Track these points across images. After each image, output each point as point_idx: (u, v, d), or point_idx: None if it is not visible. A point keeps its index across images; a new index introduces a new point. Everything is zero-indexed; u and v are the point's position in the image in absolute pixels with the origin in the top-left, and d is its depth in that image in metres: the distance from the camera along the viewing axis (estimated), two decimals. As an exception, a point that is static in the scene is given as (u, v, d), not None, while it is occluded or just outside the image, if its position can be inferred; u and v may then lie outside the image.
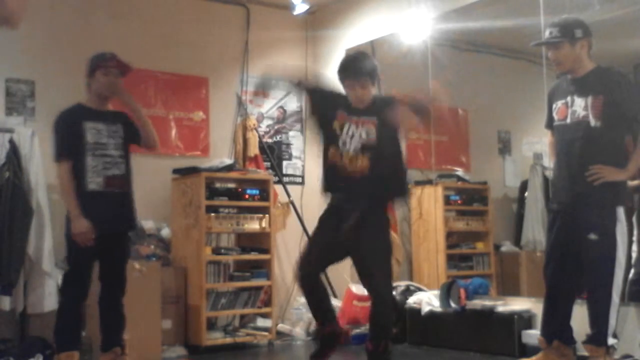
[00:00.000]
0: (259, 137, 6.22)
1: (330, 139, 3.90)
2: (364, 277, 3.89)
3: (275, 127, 6.53)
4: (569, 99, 3.88)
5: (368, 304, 4.09)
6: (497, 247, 6.27)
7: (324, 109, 3.99)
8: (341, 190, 3.89)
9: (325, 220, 3.94)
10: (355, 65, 3.98)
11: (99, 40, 5.36)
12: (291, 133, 6.60)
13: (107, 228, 4.03)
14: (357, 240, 3.77)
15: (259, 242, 5.67)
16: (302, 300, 5.95)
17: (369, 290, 3.90)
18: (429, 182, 6.19)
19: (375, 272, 3.79)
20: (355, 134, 3.82)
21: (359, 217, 3.74)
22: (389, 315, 3.95)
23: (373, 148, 3.79)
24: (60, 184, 4.05)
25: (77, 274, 4.03)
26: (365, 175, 3.77)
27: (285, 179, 6.39)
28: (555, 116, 3.96)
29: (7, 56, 5.25)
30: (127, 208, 4.19)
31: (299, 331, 5.77)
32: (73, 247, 3.99)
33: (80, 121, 4.06)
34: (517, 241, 6.24)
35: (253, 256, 5.64)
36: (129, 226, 4.26)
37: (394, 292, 5.48)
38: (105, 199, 4.05)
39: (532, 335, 4.47)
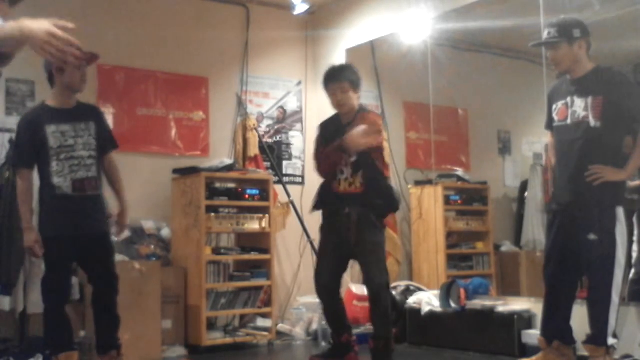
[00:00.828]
0: (259, 137, 6.22)
1: None
2: (362, 271, 4.22)
3: (275, 127, 6.53)
4: (569, 99, 3.87)
5: (367, 303, 4.30)
6: (497, 247, 6.28)
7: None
8: (336, 204, 4.22)
9: (325, 231, 4.32)
10: (335, 72, 4.29)
11: (99, 40, 5.36)
12: (291, 133, 6.59)
13: (76, 232, 3.91)
14: (357, 240, 4.11)
15: (259, 242, 5.67)
16: (302, 300, 5.98)
17: (365, 283, 4.21)
18: (429, 182, 6.19)
19: (370, 266, 4.13)
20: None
21: (356, 219, 4.11)
22: (385, 304, 4.14)
23: (358, 168, 4.16)
24: (17, 192, 3.99)
25: (55, 279, 3.92)
26: (359, 192, 4.16)
27: (285, 179, 6.38)
28: (556, 117, 3.96)
29: (7, 56, 5.25)
30: (100, 212, 4.02)
31: (299, 331, 5.77)
32: (47, 252, 3.89)
33: (42, 126, 3.90)
34: (517, 241, 6.24)
35: (253, 256, 5.64)
36: (103, 231, 4.06)
37: (393, 291, 5.50)
38: (74, 203, 3.90)
39: (532, 335, 4.47)
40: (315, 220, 4.60)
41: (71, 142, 3.93)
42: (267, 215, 5.64)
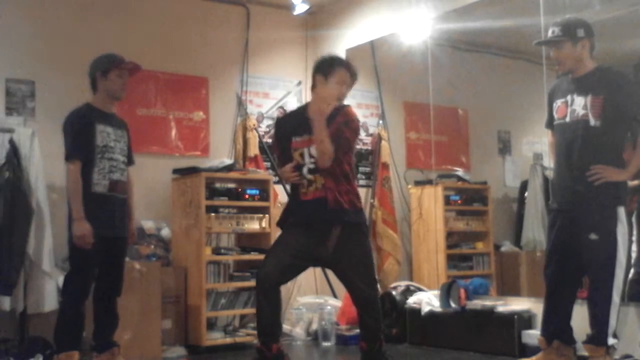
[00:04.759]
0: (259, 137, 6.22)
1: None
2: (348, 287, 3.93)
3: (275, 127, 6.53)
4: (569, 97, 3.88)
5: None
6: (497, 247, 6.28)
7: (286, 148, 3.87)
8: (307, 211, 3.80)
9: (291, 231, 3.86)
10: (349, 63, 3.91)
11: (99, 40, 5.36)
12: (291, 133, 6.58)
13: (111, 232, 4.08)
14: (338, 254, 3.78)
15: (259, 242, 5.66)
16: (302, 300, 5.98)
17: (353, 299, 3.93)
18: (429, 182, 6.20)
19: (359, 283, 3.83)
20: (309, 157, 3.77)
21: (339, 232, 3.74)
22: (377, 318, 3.92)
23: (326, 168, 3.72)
24: (68, 183, 4.02)
25: (80, 276, 4.03)
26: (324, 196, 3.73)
27: (285, 179, 6.37)
28: (555, 115, 3.96)
29: (7, 56, 5.25)
30: (125, 215, 4.25)
31: (299, 331, 5.77)
32: (77, 249, 3.97)
33: (91, 122, 4.07)
34: (517, 241, 6.24)
35: (253, 256, 5.63)
36: (125, 234, 4.29)
37: (393, 291, 5.51)
38: (109, 203, 4.08)
39: (532, 335, 4.47)
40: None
41: (112, 144, 4.13)
42: (267, 215, 5.64)
